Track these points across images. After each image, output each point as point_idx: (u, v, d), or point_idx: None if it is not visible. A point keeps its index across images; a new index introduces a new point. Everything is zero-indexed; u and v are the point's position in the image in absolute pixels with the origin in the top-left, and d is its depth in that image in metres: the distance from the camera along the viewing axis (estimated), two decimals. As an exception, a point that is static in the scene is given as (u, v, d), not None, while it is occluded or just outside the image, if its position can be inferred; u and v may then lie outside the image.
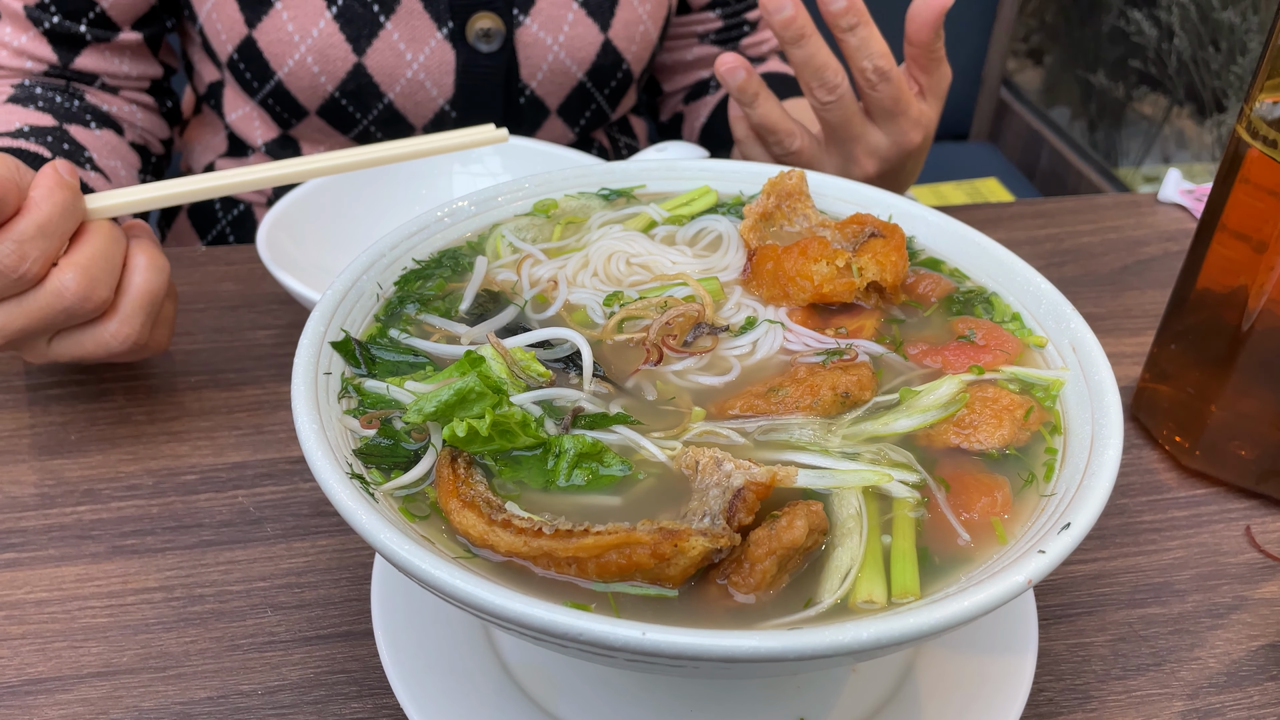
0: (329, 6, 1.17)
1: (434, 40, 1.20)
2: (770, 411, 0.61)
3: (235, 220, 1.36)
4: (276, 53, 1.19)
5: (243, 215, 1.36)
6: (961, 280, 0.74)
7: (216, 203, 1.37)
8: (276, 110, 1.25)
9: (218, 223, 1.38)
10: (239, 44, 1.20)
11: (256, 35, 1.18)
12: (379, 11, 1.18)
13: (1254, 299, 0.81)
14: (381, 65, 1.20)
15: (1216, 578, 0.80)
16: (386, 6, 1.18)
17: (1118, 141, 2.47)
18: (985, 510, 0.56)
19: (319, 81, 1.20)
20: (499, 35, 1.21)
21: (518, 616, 0.46)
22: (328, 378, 0.61)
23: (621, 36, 1.27)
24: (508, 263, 0.74)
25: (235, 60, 1.22)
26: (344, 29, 1.18)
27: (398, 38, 1.19)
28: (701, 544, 0.50)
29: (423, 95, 1.23)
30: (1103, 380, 0.61)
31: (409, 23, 1.19)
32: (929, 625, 0.47)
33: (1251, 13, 1.98)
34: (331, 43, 1.18)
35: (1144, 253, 1.20)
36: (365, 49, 1.19)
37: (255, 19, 1.18)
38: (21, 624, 0.73)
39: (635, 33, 1.28)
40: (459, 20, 1.20)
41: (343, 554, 0.79)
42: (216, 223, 1.38)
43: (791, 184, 0.77)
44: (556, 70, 1.26)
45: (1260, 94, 0.79)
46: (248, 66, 1.21)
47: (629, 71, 1.31)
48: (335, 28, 1.17)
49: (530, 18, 1.22)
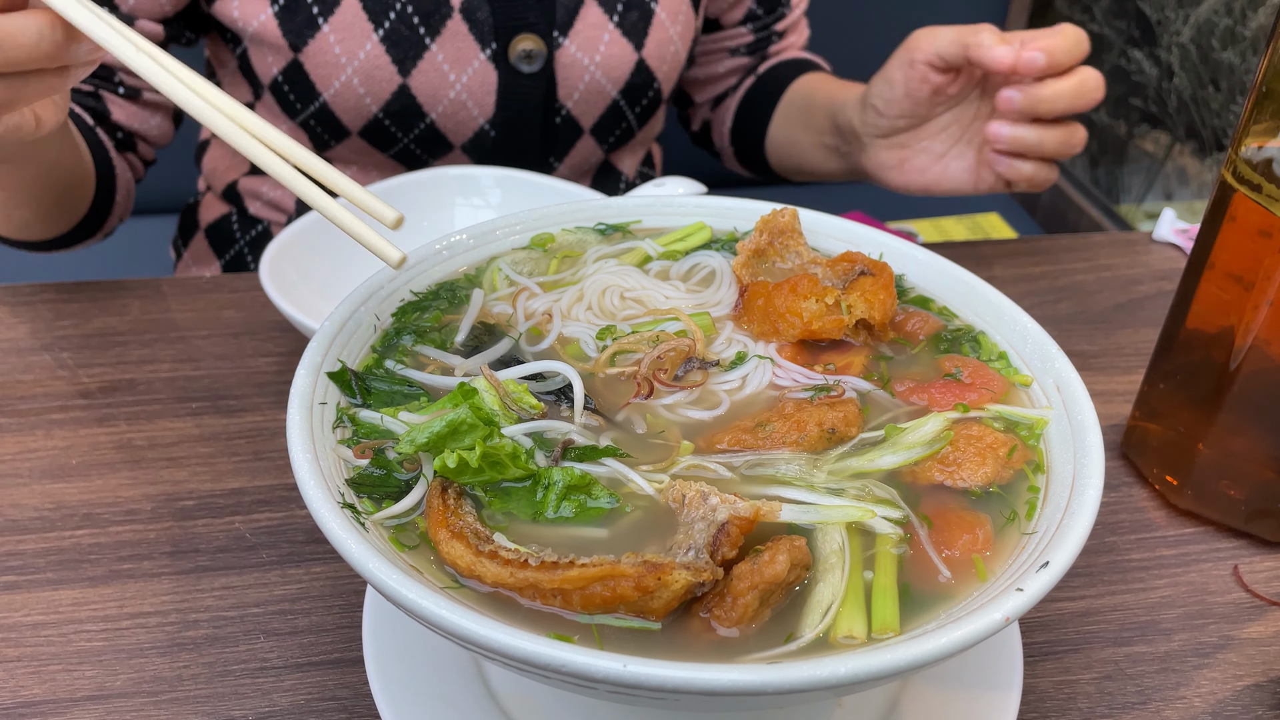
0: (376, 29, 1.19)
1: (477, 61, 1.23)
2: (757, 446, 0.62)
3: (254, 240, 1.38)
4: (323, 75, 1.21)
5: (261, 235, 1.38)
6: (950, 318, 0.75)
7: (235, 222, 1.40)
8: (317, 131, 1.28)
9: (236, 242, 1.40)
10: (284, 67, 1.22)
11: (303, 58, 1.21)
12: (425, 34, 1.21)
13: (1241, 338, 0.82)
14: (425, 86, 1.23)
15: (1204, 617, 0.80)
16: (432, 29, 1.21)
17: (1119, 178, 2.49)
18: (967, 547, 0.57)
19: (364, 103, 1.23)
20: (540, 56, 1.24)
21: (501, 647, 0.47)
22: (323, 407, 0.62)
23: (654, 55, 1.31)
24: (504, 295, 0.75)
25: (279, 82, 1.24)
26: (390, 50, 1.21)
27: (442, 59, 1.22)
28: (684, 578, 0.51)
29: (464, 115, 1.26)
30: (1085, 420, 0.62)
31: (454, 44, 1.22)
32: (907, 661, 0.47)
33: (1251, 53, 2.01)
34: (378, 64, 1.21)
35: (1138, 291, 1.21)
36: (410, 70, 1.22)
37: (301, 43, 1.20)
38: (18, 646, 0.74)
39: (667, 52, 1.32)
40: (502, 42, 1.23)
41: (336, 581, 0.80)
42: (235, 242, 1.40)
43: (784, 221, 0.79)
44: (592, 90, 1.30)
45: (1246, 138, 0.80)
46: (292, 89, 1.24)
47: (659, 90, 1.35)
48: (381, 50, 1.20)
49: (569, 39, 1.26)
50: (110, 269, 1.78)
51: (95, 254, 1.83)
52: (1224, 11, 2.07)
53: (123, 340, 1.03)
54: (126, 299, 1.09)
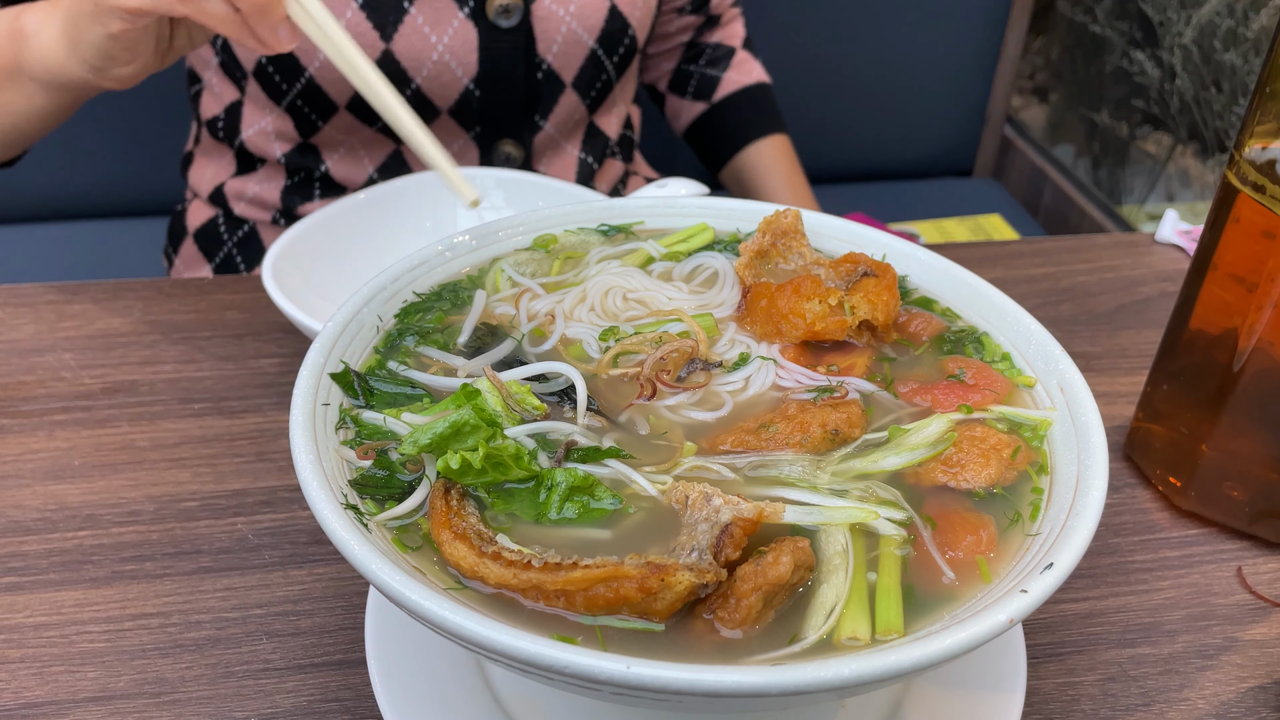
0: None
1: (456, 21, 1.24)
2: (761, 447, 0.62)
3: (241, 241, 1.39)
4: (305, 48, 1.22)
5: (248, 236, 1.38)
6: (953, 320, 0.75)
7: (222, 224, 1.40)
8: (304, 112, 1.28)
9: (224, 244, 1.40)
10: None
11: None
12: None
13: (1245, 339, 0.82)
14: (408, 50, 1.24)
15: (1207, 619, 0.80)
16: None
17: (1121, 179, 2.49)
18: (970, 549, 0.57)
19: None
20: (517, 10, 1.26)
21: (505, 649, 0.47)
22: (326, 409, 0.62)
23: (625, 1, 1.33)
24: (506, 296, 0.75)
25: (263, 65, 1.25)
26: (370, 17, 1.21)
27: (421, 21, 1.23)
28: (688, 579, 0.51)
29: (449, 77, 1.27)
30: (1089, 422, 0.62)
31: (432, 6, 1.23)
32: (911, 663, 0.47)
33: (1253, 55, 2.00)
34: (359, 31, 1.21)
35: (1140, 292, 1.20)
36: (392, 35, 1.23)
37: None
38: (20, 648, 0.74)
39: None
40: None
41: (339, 583, 0.80)
42: (223, 244, 1.40)
43: (787, 222, 0.79)
44: (570, 41, 1.31)
45: (1249, 139, 0.80)
46: (276, 69, 1.25)
47: (634, 38, 1.37)
48: (362, 16, 1.21)
49: None
50: (111, 271, 1.78)
51: (96, 254, 1.84)
52: (1226, 13, 2.07)
53: (125, 341, 1.04)
54: (129, 300, 1.09)
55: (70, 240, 1.88)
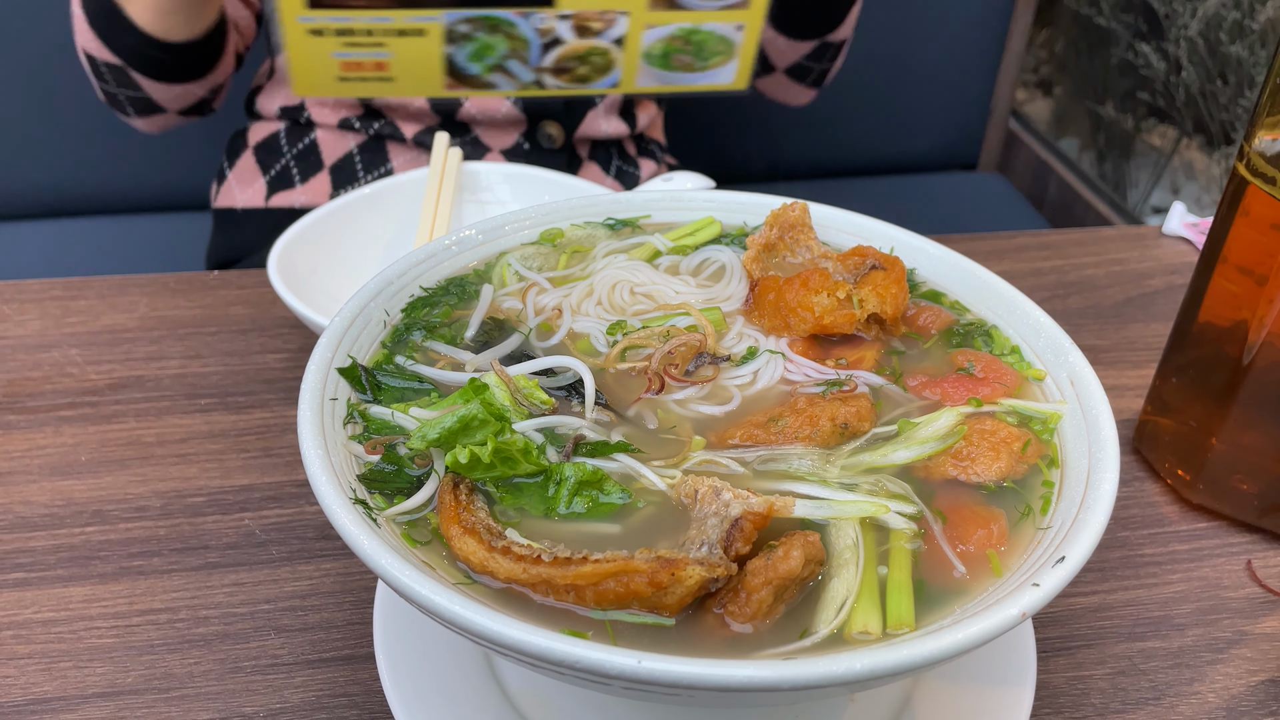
0: None
1: None
2: (770, 441, 0.62)
3: (300, 153, 1.41)
4: None
5: (308, 148, 1.41)
6: (962, 313, 0.74)
7: (283, 138, 1.42)
8: None
9: (283, 156, 1.42)
10: None
11: None
12: None
13: (1255, 332, 0.81)
14: None
15: (1217, 612, 0.80)
16: None
17: (1126, 173, 2.48)
18: (981, 543, 0.56)
19: None
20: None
21: (515, 643, 0.47)
22: (334, 403, 0.62)
23: None
24: (513, 291, 0.75)
25: None
26: None
27: None
28: (698, 573, 0.51)
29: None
30: (1100, 415, 0.61)
31: None
32: (923, 657, 0.47)
33: (1259, 47, 2.00)
34: None
35: (1148, 285, 1.20)
36: None
37: None
38: (28, 643, 0.74)
39: None
40: None
41: (346, 578, 0.80)
42: (282, 156, 1.42)
43: (794, 216, 0.78)
44: None
45: (1260, 131, 0.79)
46: None
47: None
48: None
49: None
50: (116, 267, 1.78)
51: (101, 250, 1.84)
52: (1232, 5, 2.06)
53: (131, 337, 1.03)
54: (134, 296, 1.09)
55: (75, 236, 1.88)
